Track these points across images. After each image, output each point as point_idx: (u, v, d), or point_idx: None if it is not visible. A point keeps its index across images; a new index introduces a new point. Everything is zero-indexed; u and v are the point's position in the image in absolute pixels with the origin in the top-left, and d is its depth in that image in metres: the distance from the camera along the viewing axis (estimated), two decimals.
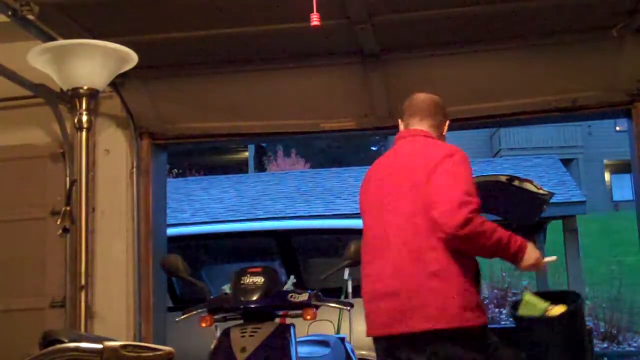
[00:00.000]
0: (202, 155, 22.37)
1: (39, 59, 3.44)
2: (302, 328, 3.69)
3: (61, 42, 3.51)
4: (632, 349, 13.99)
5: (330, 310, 3.43)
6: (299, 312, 3.19)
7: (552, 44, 4.04)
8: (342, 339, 3.95)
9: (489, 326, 2.99)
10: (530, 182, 6.06)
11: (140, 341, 4.12)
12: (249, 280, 3.15)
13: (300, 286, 3.44)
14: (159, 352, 1.66)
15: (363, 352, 4.84)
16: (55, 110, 4.18)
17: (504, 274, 17.92)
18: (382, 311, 2.87)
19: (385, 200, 2.95)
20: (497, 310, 16.65)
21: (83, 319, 3.51)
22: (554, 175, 13.62)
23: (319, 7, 2.90)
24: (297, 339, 3.18)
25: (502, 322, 15.95)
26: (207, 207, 13.47)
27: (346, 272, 3.62)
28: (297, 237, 5.93)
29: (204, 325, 3.21)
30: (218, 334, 3.19)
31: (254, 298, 3.11)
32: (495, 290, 17.44)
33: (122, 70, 3.64)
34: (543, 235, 12.51)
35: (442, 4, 3.63)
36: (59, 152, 4.30)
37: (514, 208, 6.91)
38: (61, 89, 3.77)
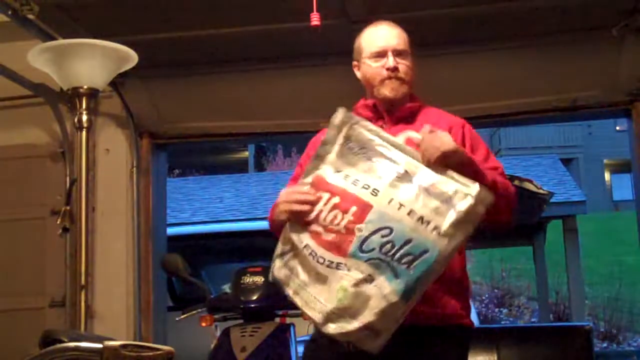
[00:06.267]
0: (202, 155, 22.34)
1: (38, 59, 3.44)
2: (302, 328, 3.69)
3: (61, 41, 3.51)
4: (632, 348, 14.01)
5: None
6: (299, 311, 3.19)
7: (552, 44, 4.03)
8: None
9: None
10: (530, 181, 6.05)
11: (140, 341, 4.12)
12: (249, 279, 3.16)
13: None
14: (159, 352, 1.66)
15: None
16: (55, 110, 4.18)
17: (504, 274, 17.93)
18: None
19: None
20: (497, 310, 16.66)
21: (83, 319, 3.51)
22: (554, 175, 13.60)
23: (319, 6, 2.90)
24: (297, 339, 3.18)
25: (503, 322, 15.96)
26: (207, 206, 13.46)
27: None
28: None
29: (204, 324, 3.21)
30: (218, 333, 3.19)
31: (254, 298, 3.12)
32: (496, 290, 17.45)
33: (122, 70, 3.64)
34: (543, 235, 12.50)
35: (442, 4, 3.63)
36: (59, 151, 4.30)
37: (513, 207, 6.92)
38: (61, 89, 3.77)
